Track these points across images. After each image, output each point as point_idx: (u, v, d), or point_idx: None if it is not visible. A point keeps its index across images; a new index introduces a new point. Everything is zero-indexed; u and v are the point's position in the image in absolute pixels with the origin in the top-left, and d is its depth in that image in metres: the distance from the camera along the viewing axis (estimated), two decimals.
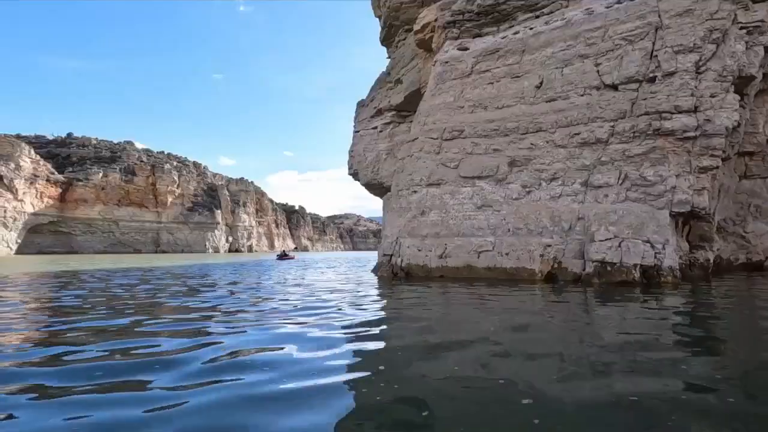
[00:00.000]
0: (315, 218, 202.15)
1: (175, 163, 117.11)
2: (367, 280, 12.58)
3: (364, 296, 8.40)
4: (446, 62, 14.30)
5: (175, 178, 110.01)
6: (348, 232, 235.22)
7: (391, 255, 13.77)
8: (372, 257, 45.41)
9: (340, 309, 6.54)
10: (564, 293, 8.45)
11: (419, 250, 13.05)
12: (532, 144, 12.18)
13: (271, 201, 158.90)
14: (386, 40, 21.34)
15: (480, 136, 13.07)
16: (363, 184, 23.67)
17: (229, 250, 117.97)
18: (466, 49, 14.07)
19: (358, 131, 24.09)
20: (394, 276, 13.25)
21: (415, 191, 13.72)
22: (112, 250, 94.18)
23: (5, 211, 74.70)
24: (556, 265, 11.23)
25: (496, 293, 8.44)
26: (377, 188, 23.04)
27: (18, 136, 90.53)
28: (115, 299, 7.90)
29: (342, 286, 10.75)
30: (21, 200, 78.17)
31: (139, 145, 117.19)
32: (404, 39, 20.17)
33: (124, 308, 6.66)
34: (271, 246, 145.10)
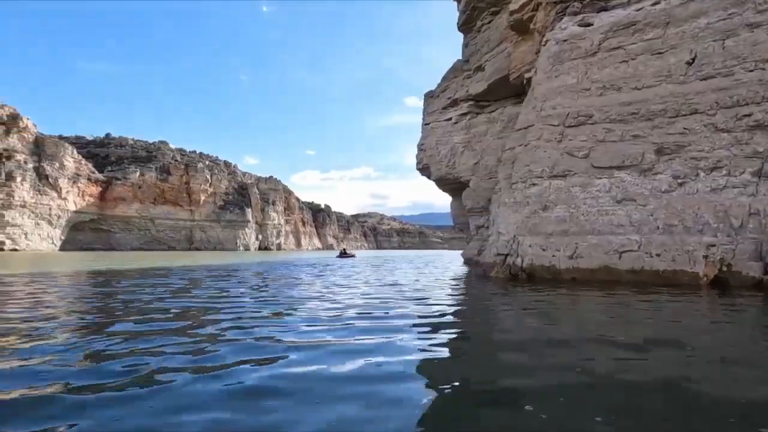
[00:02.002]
0: (339, 217, 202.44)
1: (207, 162, 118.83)
2: (477, 284, 11.29)
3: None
4: (564, 40, 12.85)
5: (208, 177, 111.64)
6: (372, 231, 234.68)
7: (507, 254, 12.44)
8: (397, 256, 43.96)
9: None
10: (745, 303, 7.02)
11: (543, 250, 11.67)
12: (685, 128, 10.62)
13: (298, 199, 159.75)
14: (466, 24, 19.97)
15: (614, 121, 11.58)
16: (434, 180, 22.42)
17: (259, 248, 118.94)
18: (590, 24, 12.57)
19: (428, 124, 22.83)
20: (512, 277, 11.91)
21: (534, 184, 12.34)
22: (147, 248, 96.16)
23: (50, 209, 77.06)
24: (724, 268, 9.65)
25: (660, 301, 7.08)
26: (452, 183, 21.76)
27: (60, 137, 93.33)
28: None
29: (462, 290, 9.52)
30: (65, 198, 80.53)
31: (172, 145, 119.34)
32: (489, 22, 18.78)
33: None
34: (298, 244, 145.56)
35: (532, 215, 12.15)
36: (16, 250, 67.31)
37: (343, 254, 34.25)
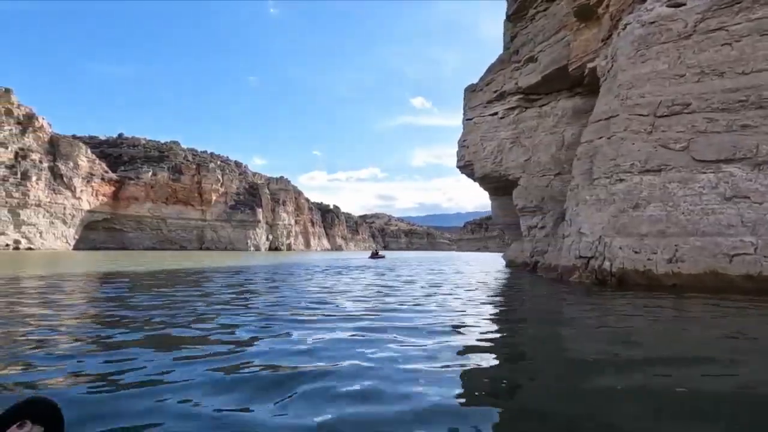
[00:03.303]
0: (347, 217, 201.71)
1: (218, 162, 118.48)
2: (562, 293, 10.18)
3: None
4: (652, 23, 11.71)
5: (219, 177, 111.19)
6: (380, 232, 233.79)
7: (590, 257, 11.32)
8: (415, 258, 42.58)
9: None
10: None
11: (636, 252, 10.53)
12: None
13: (307, 200, 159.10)
14: (517, 13, 18.89)
15: (716, 110, 10.43)
16: (477, 178, 21.29)
17: (269, 249, 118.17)
18: (682, 4, 11.43)
19: (470, 119, 21.72)
20: (598, 283, 10.80)
21: (621, 179, 11.21)
22: (160, 247, 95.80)
23: (65, 209, 76.87)
24: None
25: None
26: (497, 182, 20.61)
27: (74, 137, 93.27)
28: None
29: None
30: (79, 198, 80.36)
31: (183, 145, 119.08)
32: (544, 10, 17.66)
33: None
34: (307, 245, 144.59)
35: (621, 214, 11.02)
36: (31, 248, 67.09)
37: (375, 255, 33.63)
